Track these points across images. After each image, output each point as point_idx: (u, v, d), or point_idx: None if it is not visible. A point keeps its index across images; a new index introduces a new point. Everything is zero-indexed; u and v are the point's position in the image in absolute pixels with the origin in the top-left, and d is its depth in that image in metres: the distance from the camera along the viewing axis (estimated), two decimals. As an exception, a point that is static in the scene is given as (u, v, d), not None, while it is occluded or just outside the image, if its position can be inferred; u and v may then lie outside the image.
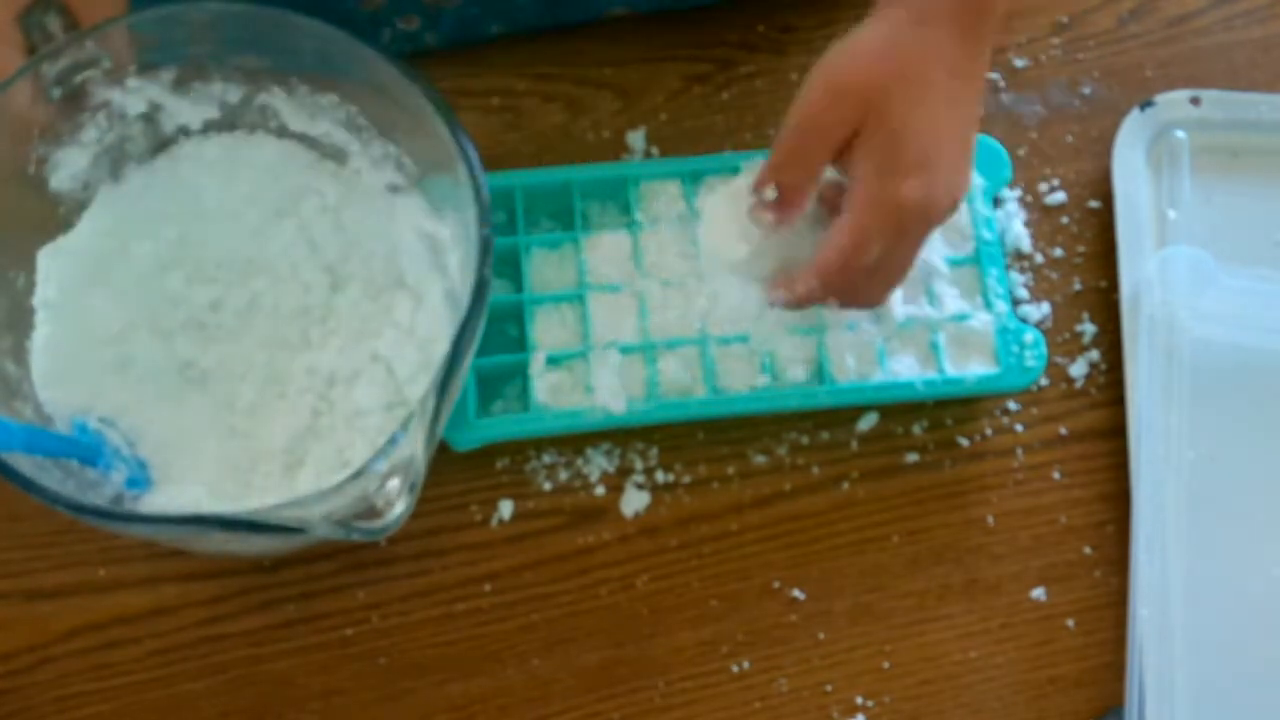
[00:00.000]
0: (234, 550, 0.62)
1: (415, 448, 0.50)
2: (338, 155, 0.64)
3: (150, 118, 0.62)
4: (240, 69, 0.61)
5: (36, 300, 0.61)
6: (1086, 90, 0.75)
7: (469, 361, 0.54)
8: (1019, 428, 0.67)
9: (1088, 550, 0.65)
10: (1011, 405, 0.68)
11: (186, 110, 0.62)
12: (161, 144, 0.64)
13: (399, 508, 0.50)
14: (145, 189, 0.63)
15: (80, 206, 0.63)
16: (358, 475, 0.50)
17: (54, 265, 0.62)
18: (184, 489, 0.59)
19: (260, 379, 0.62)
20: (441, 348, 0.52)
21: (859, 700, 0.62)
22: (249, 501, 0.59)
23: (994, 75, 0.75)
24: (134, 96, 0.61)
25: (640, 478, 0.66)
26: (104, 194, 0.63)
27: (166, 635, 0.63)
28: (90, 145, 0.61)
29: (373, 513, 0.50)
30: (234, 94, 0.62)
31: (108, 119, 0.61)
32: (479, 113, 0.73)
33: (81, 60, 0.58)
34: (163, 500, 0.59)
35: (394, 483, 0.50)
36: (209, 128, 0.64)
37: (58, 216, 0.62)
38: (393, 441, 0.50)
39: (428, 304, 0.61)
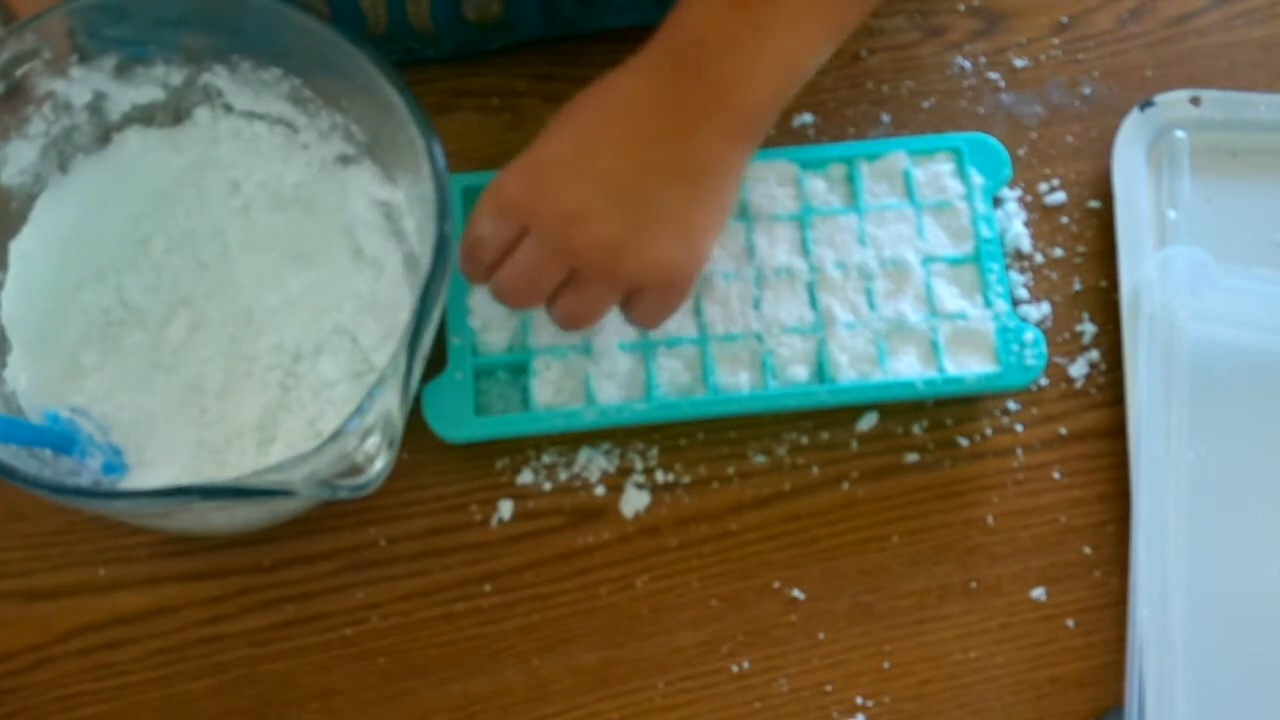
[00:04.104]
0: (221, 526, 0.62)
1: (391, 404, 0.51)
2: (285, 130, 0.63)
3: (95, 107, 0.62)
4: (182, 50, 0.61)
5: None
6: (1086, 90, 0.75)
7: (438, 315, 0.54)
8: (1019, 428, 0.67)
9: (1088, 550, 0.65)
10: (1011, 405, 0.67)
11: (130, 95, 0.62)
12: (107, 133, 0.63)
13: (379, 463, 0.51)
14: (94, 179, 0.63)
15: (32, 200, 0.62)
16: (336, 437, 0.50)
17: (11, 258, 0.62)
18: (160, 471, 0.60)
19: (226, 359, 0.62)
20: (404, 314, 0.53)
21: (859, 700, 0.62)
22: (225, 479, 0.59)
23: (994, 75, 0.75)
24: (78, 86, 0.61)
25: (640, 478, 0.66)
26: (53, 187, 0.63)
27: (166, 635, 0.63)
28: (38, 138, 0.61)
29: (354, 470, 0.51)
30: (176, 76, 0.62)
31: (53, 110, 0.61)
32: (479, 113, 0.73)
33: (22, 52, 0.58)
34: (139, 484, 0.59)
35: (373, 440, 0.51)
36: (155, 111, 0.63)
37: (10, 212, 0.62)
38: (369, 397, 0.50)
39: (387, 272, 0.62)
